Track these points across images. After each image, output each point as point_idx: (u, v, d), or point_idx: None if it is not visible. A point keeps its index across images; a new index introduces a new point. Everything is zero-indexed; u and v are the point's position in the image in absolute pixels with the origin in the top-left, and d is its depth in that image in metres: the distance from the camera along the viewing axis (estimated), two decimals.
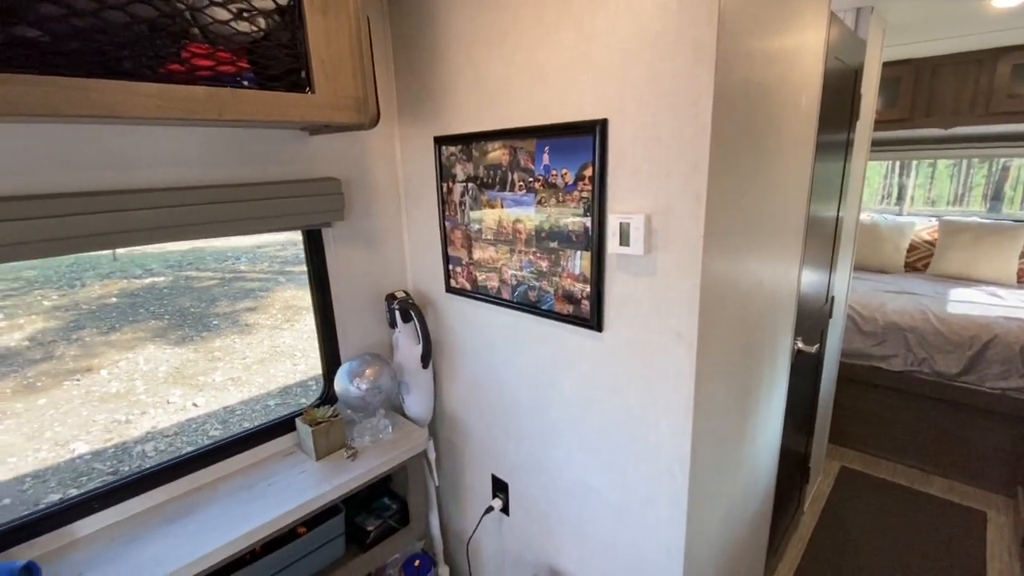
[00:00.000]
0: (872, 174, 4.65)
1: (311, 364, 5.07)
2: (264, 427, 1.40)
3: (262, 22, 0.97)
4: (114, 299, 7.03)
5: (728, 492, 1.31)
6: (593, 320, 1.12)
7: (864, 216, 3.73)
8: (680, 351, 1.01)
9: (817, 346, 1.77)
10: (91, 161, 1.02)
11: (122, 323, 6.12)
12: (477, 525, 1.63)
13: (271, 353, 5.28)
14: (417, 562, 1.58)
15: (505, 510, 1.54)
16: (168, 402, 4.36)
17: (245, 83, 0.96)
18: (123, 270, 8.41)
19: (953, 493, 2.42)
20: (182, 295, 7.21)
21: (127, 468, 3.57)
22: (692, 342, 0.99)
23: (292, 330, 5.88)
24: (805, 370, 1.87)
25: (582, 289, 1.12)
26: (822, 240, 1.77)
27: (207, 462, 1.29)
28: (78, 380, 4.73)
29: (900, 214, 4.09)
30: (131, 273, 8.27)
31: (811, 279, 1.71)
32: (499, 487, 1.53)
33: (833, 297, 2.07)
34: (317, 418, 1.38)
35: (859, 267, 3.50)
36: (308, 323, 6.08)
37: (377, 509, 1.51)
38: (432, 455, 1.60)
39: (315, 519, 1.33)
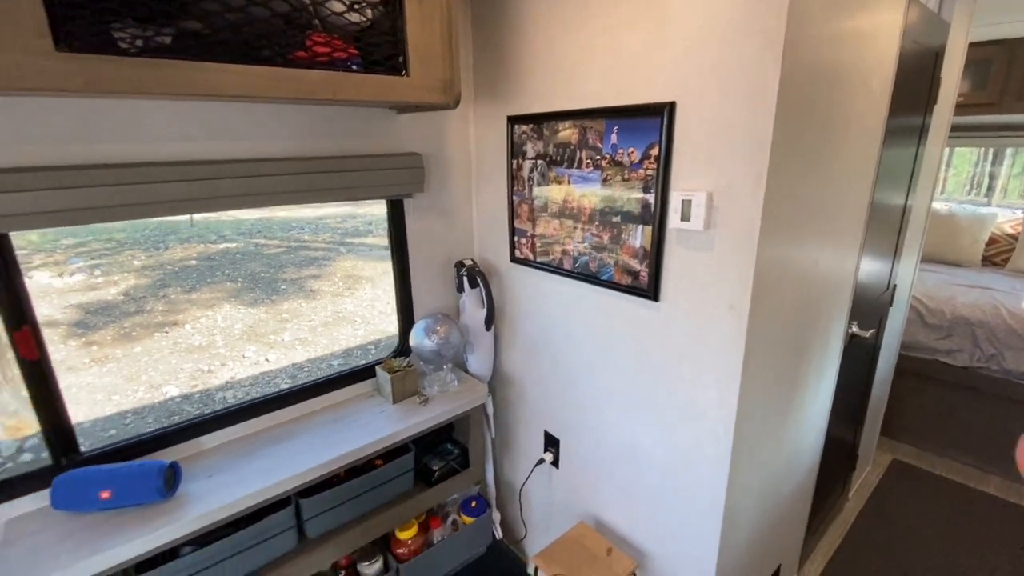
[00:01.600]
0: (961, 162, 4.36)
1: (370, 330, 5.40)
2: (349, 372, 1.59)
3: (369, 12, 1.10)
4: (194, 261, 7.66)
5: (769, 461, 1.39)
6: (650, 291, 1.21)
7: (942, 206, 3.54)
8: (732, 323, 1.09)
9: (873, 331, 1.77)
10: (223, 133, 1.20)
11: (201, 284, 6.69)
12: (529, 474, 1.78)
13: (334, 318, 5.65)
14: (474, 503, 1.75)
15: (555, 463, 1.67)
16: (244, 356, 4.80)
17: (354, 67, 1.10)
18: (200, 235, 9.11)
19: (1011, 493, 2.35)
20: (253, 260, 7.75)
21: (211, 411, 4.00)
22: (744, 315, 1.07)
23: (353, 297, 6.24)
24: (859, 356, 1.88)
25: (641, 262, 1.21)
26: (886, 227, 1.76)
27: (303, 397, 1.50)
28: (166, 332, 5.27)
29: (989, 205, 3.84)
30: (207, 238, 8.94)
31: (871, 265, 1.71)
32: (551, 442, 1.67)
33: (895, 285, 2.04)
34: (395, 367, 1.56)
35: (931, 259, 3.34)
36: (367, 292, 6.43)
37: (441, 452, 1.69)
38: (490, 409, 1.76)
39: (389, 454, 1.52)
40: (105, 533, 1.06)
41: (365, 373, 1.61)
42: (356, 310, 5.89)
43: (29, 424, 3.26)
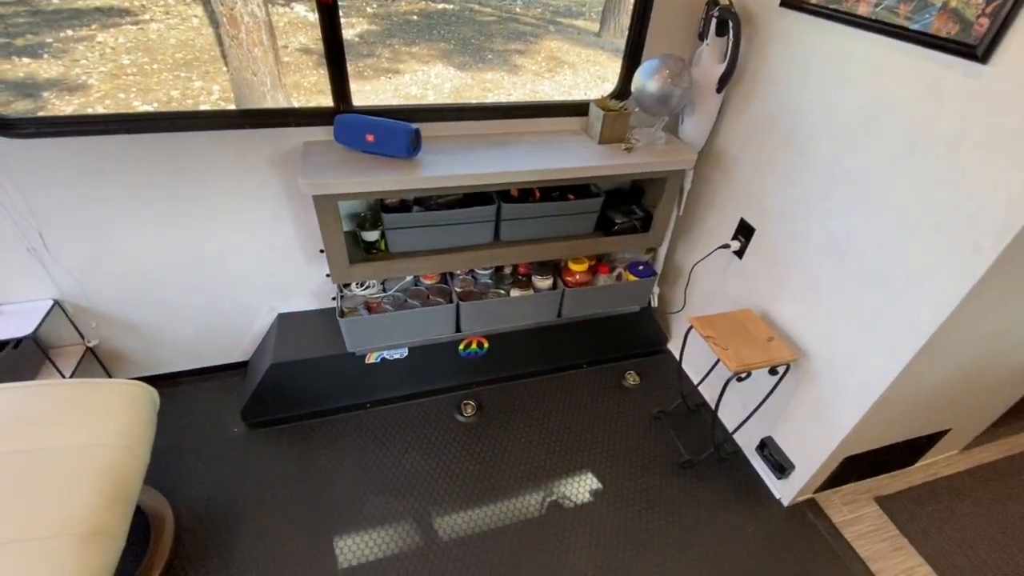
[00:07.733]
0: None
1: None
2: (563, 103, 1.60)
3: None
4: (415, 17, 7.92)
5: (1009, 318, 1.16)
6: (981, 46, 0.91)
7: None
8: None
9: None
10: None
11: (420, 39, 7.00)
12: (707, 255, 1.76)
13: (530, 97, 5.63)
14: (641, 267, 1.83)
15: (739, 253, 1.61)
16: None
17: None
18: None
19: None
20: (466, 25, 7.75)
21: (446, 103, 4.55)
22: None
23: (552, 81, 6.06)
24: None
25: (989, 2, 0.90)
26: None
27: (519, 114, 1.58)
28: (390, 78, 5.81)
29: None
30: None
31: None
32: (743, 231, 1.59)
33: None
34: (609, 106, 1.52)
35: None
36: (567, 78, 6.16)
37: (626, 211, 1.72)
38: (687, 184, 1.68)
39: (581, 191, 1.59)
40: (367, 168, 1.33)
41: (578, 109, 1.61)
42: (553, 95, 5.76)
43: None
